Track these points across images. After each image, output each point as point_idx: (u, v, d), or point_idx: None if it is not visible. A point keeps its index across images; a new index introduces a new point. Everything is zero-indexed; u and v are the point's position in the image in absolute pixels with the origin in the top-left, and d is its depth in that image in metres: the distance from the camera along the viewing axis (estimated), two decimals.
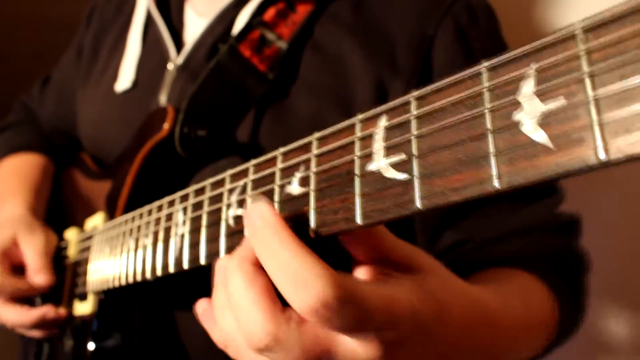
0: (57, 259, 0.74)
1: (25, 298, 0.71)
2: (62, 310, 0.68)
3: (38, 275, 0.69)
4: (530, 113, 0.23)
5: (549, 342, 0.51)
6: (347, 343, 0.30)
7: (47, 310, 0.68)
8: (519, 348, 0.45)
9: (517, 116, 0.24)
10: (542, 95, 0.23)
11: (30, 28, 1.70)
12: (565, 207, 0.60)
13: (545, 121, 0.23)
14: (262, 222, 0.30)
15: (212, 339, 0.38)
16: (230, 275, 0.31)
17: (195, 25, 0.71)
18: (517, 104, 0.24)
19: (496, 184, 0.23)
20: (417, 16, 0.60)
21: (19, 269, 0.71)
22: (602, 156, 0.21)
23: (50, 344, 0.72)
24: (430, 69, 0.59)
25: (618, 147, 0.20)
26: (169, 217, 0.48)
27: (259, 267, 0.31)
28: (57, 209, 0.86)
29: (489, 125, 0.24)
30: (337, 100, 0.60)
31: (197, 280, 0.59)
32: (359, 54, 0.60)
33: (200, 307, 0.40)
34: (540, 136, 0.23)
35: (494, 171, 0.24)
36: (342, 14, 0.63)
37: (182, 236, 0.44)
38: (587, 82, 0.21)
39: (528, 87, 0.23)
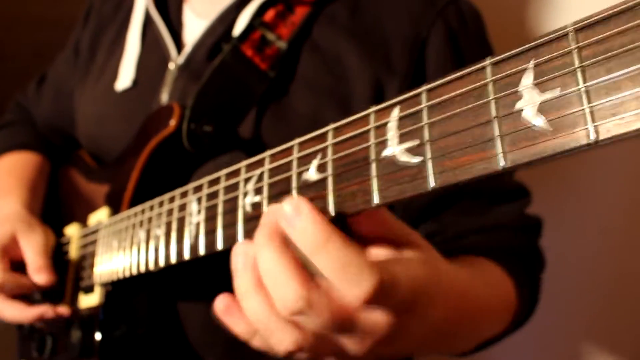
0: (59, 254, 0.75)
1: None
2: (62, 309, 0.70)
3: (39, 274, 0.70)
4: (529, 102, 0.27)
5: (506, 327, 0.56)
6: (371, 311, 0.34)
7: (45, 310, 0.69)
8: (482, 329, 0.51)
9: (519, 105, 0.27)
10: (540, 86, 0.27)
11: (30, 28, 1.69)
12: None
13: (543, 108, 0.26)
14: (303, 217, 0.33)
15: (236, 334, 0.39)
16: (260, 252, 0.35)
17: (194, 26, 0.74)
18: (518, 94, 0.27)
19: (501, 162, 0.27)
20: (410, 19, 0.64)
21: (18, 265, 0.73)
22: (593, 137, 0.24)
23: (52, 337, 0.74)
24: (424, 69, 0.63)
25: (607, 128, 0.24)
26: (182, 207, 0.50)
27: (285, 241, 0.35)
28: (53, 207, 0.87)
29: (493, 112, 0.28)
30: (335, 98, 0.63)
31: (199, 273, 0.61)
32: (356, 55, 0.63)
33: (221, 303, 0.39)
34: (539, 121, 0.26)
35: (499, 151, 0.27)
36: (338, 15, 0.67)
37: (198, 224, 0.47)
38: (579, 74, 0.25)
39: (528, 80, 0.27)
